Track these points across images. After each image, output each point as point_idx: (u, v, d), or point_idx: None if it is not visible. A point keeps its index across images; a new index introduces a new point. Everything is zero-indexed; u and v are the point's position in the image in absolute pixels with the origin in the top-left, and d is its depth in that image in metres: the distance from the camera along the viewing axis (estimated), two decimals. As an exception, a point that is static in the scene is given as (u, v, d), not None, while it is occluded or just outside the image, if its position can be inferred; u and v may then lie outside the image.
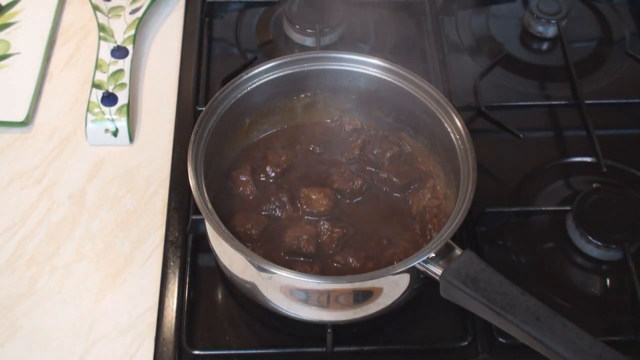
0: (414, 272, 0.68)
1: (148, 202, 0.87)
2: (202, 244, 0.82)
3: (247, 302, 0.78)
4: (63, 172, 0.90)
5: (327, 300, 0.71)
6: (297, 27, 1.01)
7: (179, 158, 0.89)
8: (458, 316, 0.77)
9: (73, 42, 1.03)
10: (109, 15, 1.01)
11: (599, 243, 0.81)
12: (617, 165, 0.90)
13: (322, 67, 0.83)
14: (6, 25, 1.02)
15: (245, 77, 0.80)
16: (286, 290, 0.70)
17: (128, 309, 0.79)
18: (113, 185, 0.89)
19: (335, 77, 0.84)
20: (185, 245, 0.82)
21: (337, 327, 0.75)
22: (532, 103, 0.97)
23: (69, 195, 0.88)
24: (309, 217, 0.78)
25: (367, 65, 0.82)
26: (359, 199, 0.81)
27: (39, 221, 0.85)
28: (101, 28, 0.99)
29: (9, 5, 1.04)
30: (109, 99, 0.92)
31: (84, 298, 0.80)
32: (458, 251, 0.67)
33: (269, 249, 0.76)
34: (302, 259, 0.75)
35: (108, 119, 0.91)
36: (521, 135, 0.91)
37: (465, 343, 0.76)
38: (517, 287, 0.63)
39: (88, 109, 0.91)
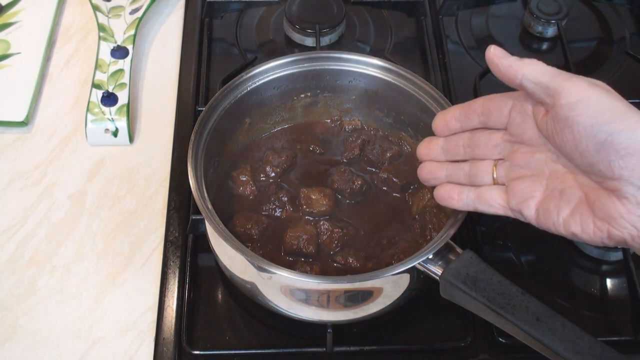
0: (414, 272, 0.68)
1: (148, 202, 0.87)
2: (202, 244, 0.82)
3: (247, 302, 0.78)
4: (63, 172, 0.90)
5: (327, 300, 0.71)
6: (297, 27, 1.01)
7: (179, 158, 0.89)
8: (458, 316, 0.77)
9: (73, 42, 1.03)
10: (109, 15, 1.01)
11: (599, 243, 0.81)
12: (617, 165, 0.90)
13: (322, 67, 0.83)
14: (6, 25, 1.02)
15: (245, 77, 0.80)
16: (286, 290, 0.70)
17: (128, 309, 0.79)
18: (113, 185, 0.89)
19: (335, 77, 0.84)
20: (185, 245, 0.82)
21: (337, 327, 0.75)
22: (532, 103, 0.97)
23: (69, 195, 0.88)
24: (309, 217, 0.78)
25: (367, 65, 0.82)
26: (359, 199, 0.81)
27: (39, 221, 0.85)
28: (101, 28, 0.99)
29: (9, 5, 1.04)
30: (109, 99, 0.92)
31: (84, 298, 0.80)
32: (458, 251, 0.67)
33: (269, 249, 0.76)
34: (302, 259, 0.75)
35: (108, 119, 0.91)
36: (521, 135, 0.91)
37: (465, 343, 0.76)
38: (517, 287, 0.63)
39: (88, 109, 0.91)
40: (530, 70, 0.59)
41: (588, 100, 0.56)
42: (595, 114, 0.56)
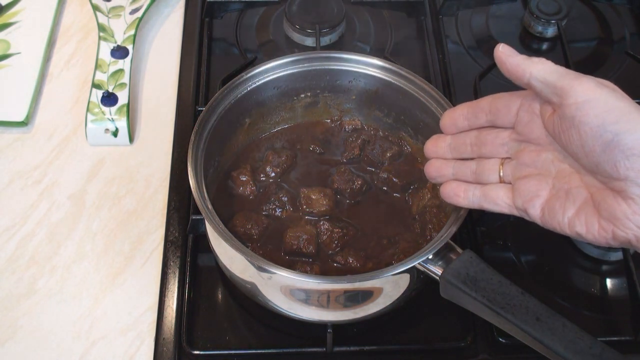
0: (414, 272, 0.68)
1: (148, 202, 0.87)
2: (202, 244, 0.82)
3: (247, 302, 0.78)
4: (63, 172, 0.90)
5: (327, 300, 0.71)
6: (297, 27, 1.01)
7: (179, 158, 0.89)
8: (458, 316, 0.77)
9: (73, 42, 1.03)
10: (109, 15, 1.01)
11: (599, 243, 0.81)
12: (617, 165, 0.90)
13: (322, 67, 0.83)
14: (6, 25, 1.02)
15: (245, 77, 0.80)
16: (286, 290, 0.70)
17: (128, 309, 0.79)
18: (113, 185, 0.89)
19: (335, 77, 0.84)
20: (185, 245, 0.82)
21: (337, 327, 0.75)
22: (532, 103, 0.97)
23: (69, 195, 0.88)
24: (309, 217, 0.78)
25: (367, 65, 0.82)
26: (359, 199, 0.81)
27: (39, 221, 0.85)
28: (101, 28, 0.99)
29: (9, 5, 1.04)
30: (109, 99, 0.92)
31: (84, 298, 0.80)
32: (458, 251, 0.67)
33: (269, 249, 0.76)
34: (302, 259, 0.75)
35: (108, 119, 0.91)
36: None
37: (465, 343, 0.76)
38: (517, 287, 0.63)
39: (88, 109, 0.91)
40: (538, 69, 0.59)
41: (595, 100, 0.56)
42: (602, 114, 0.56)
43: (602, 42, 1.06)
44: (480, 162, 0.67)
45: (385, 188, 0.82)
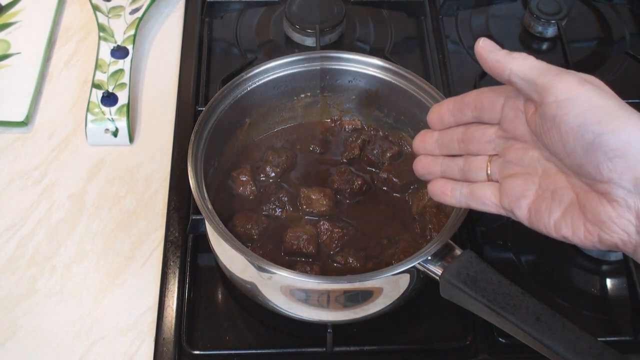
0: (414, 272, 0.68)
1: (148, 202, 0.87)
2: (202, 244, 0.82)
3: (247, 302, 0.78)
4: (63, 172, 0.90)
5: (327, 300, 0.71)
6: (297, 27, 1.01)
7: (179, 158, 0.89)
8: (458, 316, 0.77)
9: (73, 42, 1.03)
10: (109, 15, 1.01)
11: (599, 243, 0.80)
12: (617, 165, 0.90)
13: (322, 67, 0.83)
14: (6, 25, 1.02)
15: (245, 77, 0.80)
16: (286, 290, 0.70)
17: (128, 309, 0.79)
18: (113, 185, 0.89)
19: (335, 77, 0.84)
20: (185, 245, 0.82)
21: (337, 327, 0.75)
22: (532, 103, 0.97)
23: (69, 195, 0.88)
24: (309, 217, 0.78)
25: (367, 65, 0.82)
26: (359, 199, 0.81)
27: (39, 221, 0.85)
28: (101, 28, 0.99)
29: (9, 5, 1.04)
30: (109, 99, 0.92)
31: (84, 298, 0.80)
32: (458, 251, 0.67)
33: (269, 249, 0.76)
34: (302, 259, 0.75)
35: (108, 119, 0.91)
36: (521, 135, 0.91)
37: (465, 343, 0.76)
38: (517, 287, 0.63)
39: (88, 109, 0.91)
40: (518, 65, 0.57)
41: (576, 98, 0.54)
42: (583, 113, 0.53)
43: (602, 42, 1.06)
44: (468, 159, 0.65)
45: (385, 188, 0.82)
